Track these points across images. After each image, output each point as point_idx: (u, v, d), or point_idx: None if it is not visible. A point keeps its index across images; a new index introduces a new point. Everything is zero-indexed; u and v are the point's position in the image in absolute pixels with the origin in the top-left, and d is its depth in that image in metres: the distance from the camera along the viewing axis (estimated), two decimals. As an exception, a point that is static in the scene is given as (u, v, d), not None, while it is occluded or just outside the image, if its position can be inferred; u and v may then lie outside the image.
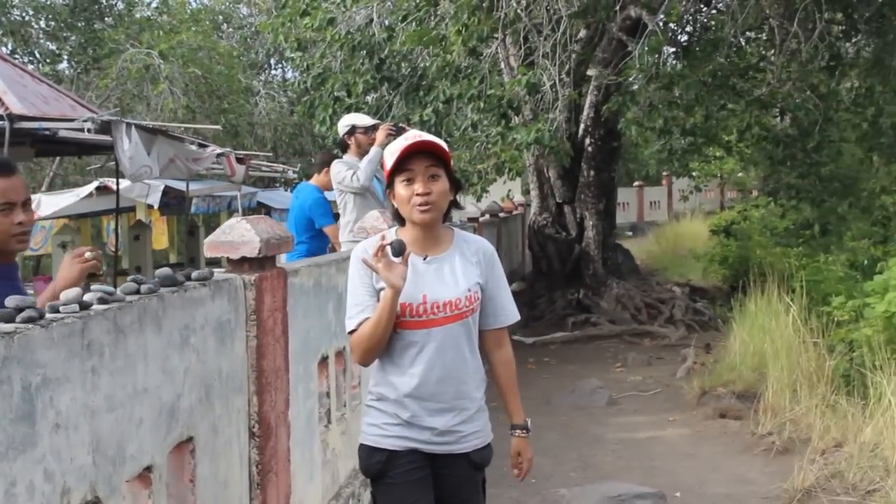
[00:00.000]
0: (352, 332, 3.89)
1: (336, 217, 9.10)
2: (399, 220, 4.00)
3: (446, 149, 3.90)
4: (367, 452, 4.00)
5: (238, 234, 4.66)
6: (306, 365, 5.63)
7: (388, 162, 3.84)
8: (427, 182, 3.79)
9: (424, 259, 3.93)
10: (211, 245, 4.73)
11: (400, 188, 3.84)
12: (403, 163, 3.79)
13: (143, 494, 3.53)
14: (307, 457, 5.61)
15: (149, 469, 3.51)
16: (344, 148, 8.94)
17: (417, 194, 3.78)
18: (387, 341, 3.83)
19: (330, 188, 8.96)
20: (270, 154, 26.93)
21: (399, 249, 3.72)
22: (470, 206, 14.99)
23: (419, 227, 3.91)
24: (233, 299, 4.45)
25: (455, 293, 3.89)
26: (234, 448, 4.44)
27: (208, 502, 4.10)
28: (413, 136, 3.86)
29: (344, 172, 8.40)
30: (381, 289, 3.78)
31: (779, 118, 19.60)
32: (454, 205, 4.01)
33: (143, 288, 3.55)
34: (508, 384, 4.20)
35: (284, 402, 5.04)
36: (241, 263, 4.68)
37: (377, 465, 3.95)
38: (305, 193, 9.38)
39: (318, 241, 9.14)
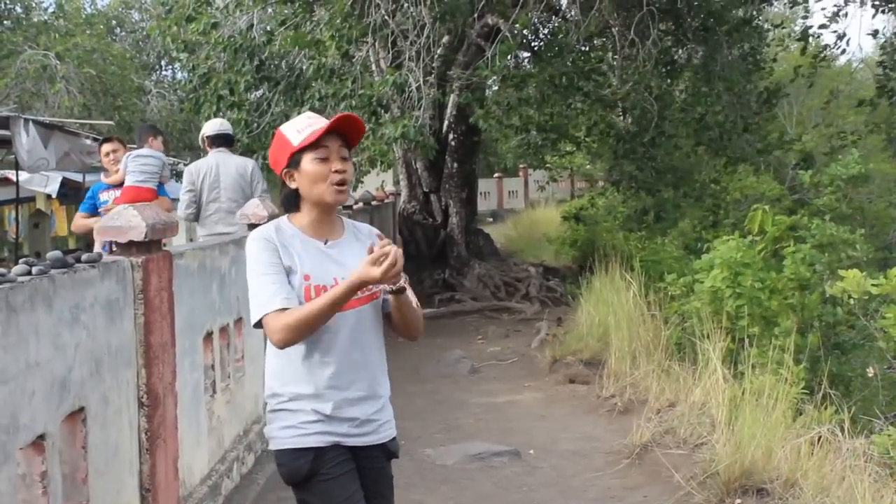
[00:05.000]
0: (277, 311, 3.25)
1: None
2: (288, 206, 3.46)
3: (362, 124, 3.45)
4: (291, 456, 3.37)
5: (125, 220, 4.59)
6: (192, 340, 5.57)
7: (297, 138, 3.34)
8: (342, 161, 3.35)
9: (325, 243, 3.42)
10: (100, 230, 4.66)
11: (312, 165, 3.31)
12: (320, 139, 3.30)
13: (36, 461, 3.47)
14: (194, 424, 5.56)
15: (42, 437, 3.46)
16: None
17: (335, 171, 3.31)
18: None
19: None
20: (162, 148, 26.43)
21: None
22: (345, 195, 14.98)
23: (320, 210, 3.41)
24: (121, 280, 4.38)
25: None
26: (123, 417, 4.38)
27: (100, 467, 4.04)
28: (317, 116, 3.44)
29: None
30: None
31: (621, 116, 19.91)
32: None
33: (35, 270, 3.48)
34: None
35: (171, 374, 4.99)
36: (129, 247, 4.62)
37: (305, 465, 3.34)
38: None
39: None
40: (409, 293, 3.43)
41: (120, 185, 8.37)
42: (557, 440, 8.14)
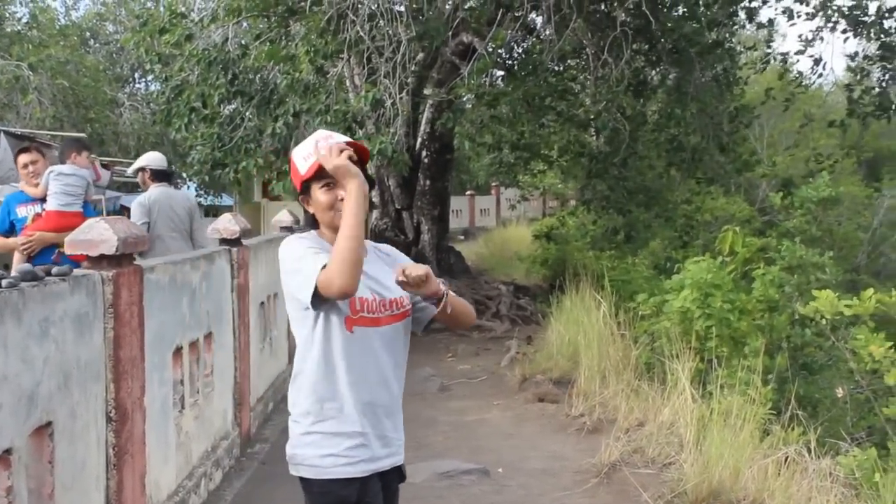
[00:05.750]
0: (323, 268, 3.11)
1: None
2: (313, 224, 3.43)
3: (367, 149, 3.44)
4: (339, 485, 3.27)
5: (97, 233, 4.58)
6: (161, 355, 5.55)
7: (304, 166, 3.32)
8: None
9: None
10: (71, 243, 4.64)
11: (319, 194, 3.30)
12: (321, 169, 3.24)
13: (2, 475, 3.45)
14: (162, 440, 5.53)
15: (8, 451, 3.44)
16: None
17: (342, 199, 3.23)
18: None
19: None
20: (134, 161, 26.37)
21: None
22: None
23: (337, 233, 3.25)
24: (91, 294, 4.36)
25: (397, 292, 3.38)
26: (91, 432, 4.36)
27: (66, 482, 4.02)
28: (324, 136, 3.36)
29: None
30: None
31: (594, 136, 20.02)
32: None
33: (4, 283, 3.46)
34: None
35: (140, 388, 4.97)
36: (100, 260, 4.60)
37: (353, 495, 3.27)
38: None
39: None
40: (451, 294, 3.40)
41: (43, 199, 7.66)
42: (526, 459, 8.14)
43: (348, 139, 3.34)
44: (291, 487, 7.30)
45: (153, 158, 9.33)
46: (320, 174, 3.26)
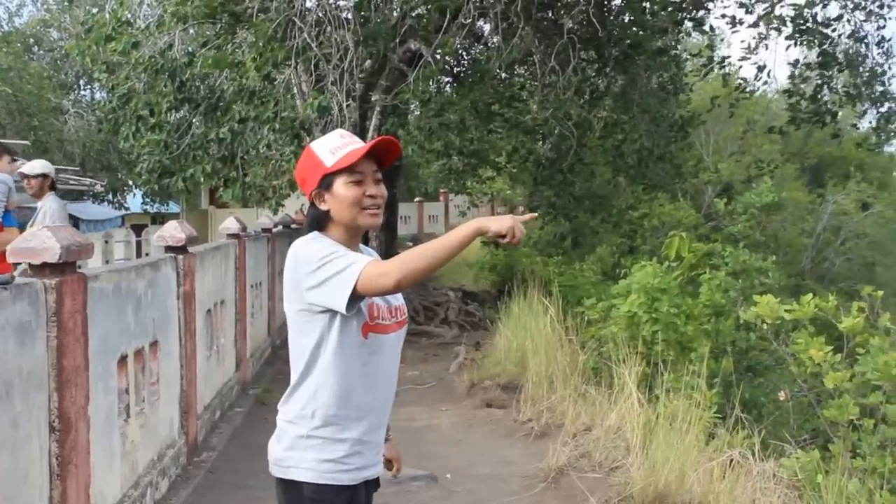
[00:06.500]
0: (372, 262, 2.99)
1: None
2: (318, 224, 3.25)
3: (400, 148, 3.31)
4: (332, 492, 3.17)
5: (39, 241, 4.54)
6: (106, 363, 5.50)
7: (331, 159, 3.17)
8: (376, 185, 3.20)
9: None
10: (13, 251, 4.59)
11: (345, 189, 3.15)
12: (357, 163, 3.14)
13: (-58, 486, 3.39)
14: (107, 449, 5.48)
15: (-52, 462, 3.38)
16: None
17: (369, 195, 3.16)
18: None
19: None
20: (78, 169, 26.14)
21: None
22: (265, 218, 14.88)
23: (350, 234, 3.23)
24: (33, 302, 4.32)
25: (399, 299, 3.35)
26: (34, 441, 4.31)
27: (8, 493, 3.97)
28: (349, 135, 3.27)
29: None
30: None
31: (541, 142, 20.13)
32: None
33: (-56, 291, 3.42)
34: None
35: (84, 397, 4.92)
36: (43, 268, 4.56)
37: (343, 502, 3.19)
38: None
39: None
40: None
41: None
42: (474, 464, 8.17)
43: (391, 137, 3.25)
44: (239, 495, 7.28)
45: (44, 164, 8.93)
46: (351, 168, 3.14)
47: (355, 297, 2.97)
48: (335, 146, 3.19)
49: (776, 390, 10.11)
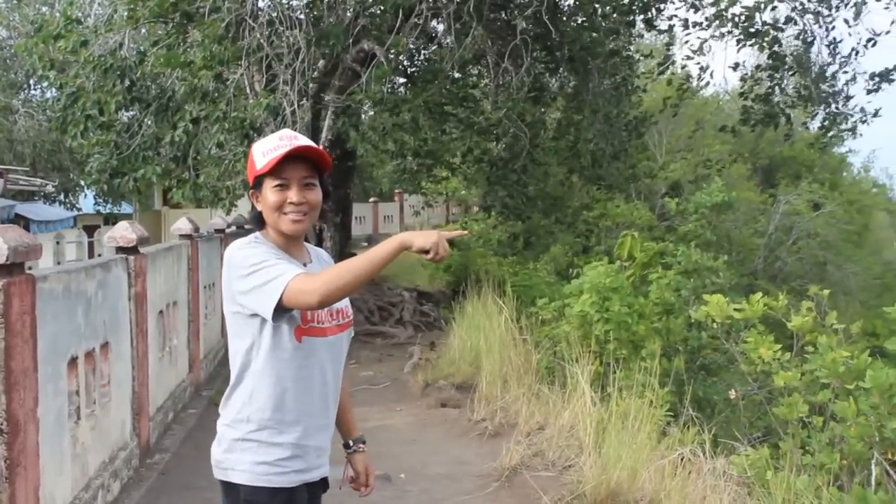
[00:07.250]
0: (302, 275, 2.98)
1: None
2: (259, 224, 3.28)
3: (327, 157, 3.26)
4: (267, 494, 3.16)
5: (-14, 243, 4.50)
6: (56, 365, 5.46)
7: (261, 161, 3.15)
8: (302, 190, 3.15)
9: (304, 266, 3.24)
10: (-40, 253, 4.55)
11: (270, 193, 3.15)
12: (279, 167, 3.11)
13: None
14: (57, 451, 5.44)
15: None
16: None
17: (291, 202, 3.14)
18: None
19: None
20: (29, 169, 25.88)
21: None
22: (218, 218, 14.81)
23: (285, 235, 3.23)
24: (-19, 304, 4.29)
25: (343, 302, 3.28)
26: (-18, 444, 4.27)
27: (-44, 496, 3.94)
28: (288, 136, 3.21)
29: None
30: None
31: (495, 143, 20.19)
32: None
33: None
34: (346, 395, 3.57)
35: (33, 400, 4.89)
36: (-10, 270, 4.52)
37: None
38: None
39: None
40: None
41: None
42: (428, 464, 8.19)
43: (318, 147, 3.23)
44: (191, 497, 7.25)
45: None
46: (276, 172, 3.12)
47: (281, 309, 2.97)
48: (269, 148, 3.17)
49: (728, 389, 10.22)
